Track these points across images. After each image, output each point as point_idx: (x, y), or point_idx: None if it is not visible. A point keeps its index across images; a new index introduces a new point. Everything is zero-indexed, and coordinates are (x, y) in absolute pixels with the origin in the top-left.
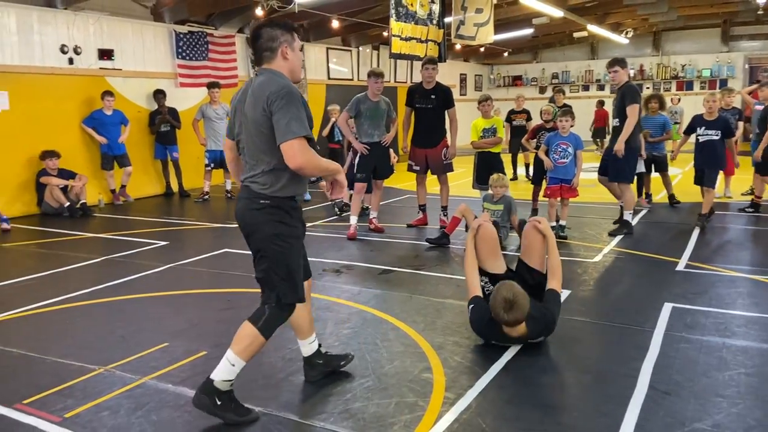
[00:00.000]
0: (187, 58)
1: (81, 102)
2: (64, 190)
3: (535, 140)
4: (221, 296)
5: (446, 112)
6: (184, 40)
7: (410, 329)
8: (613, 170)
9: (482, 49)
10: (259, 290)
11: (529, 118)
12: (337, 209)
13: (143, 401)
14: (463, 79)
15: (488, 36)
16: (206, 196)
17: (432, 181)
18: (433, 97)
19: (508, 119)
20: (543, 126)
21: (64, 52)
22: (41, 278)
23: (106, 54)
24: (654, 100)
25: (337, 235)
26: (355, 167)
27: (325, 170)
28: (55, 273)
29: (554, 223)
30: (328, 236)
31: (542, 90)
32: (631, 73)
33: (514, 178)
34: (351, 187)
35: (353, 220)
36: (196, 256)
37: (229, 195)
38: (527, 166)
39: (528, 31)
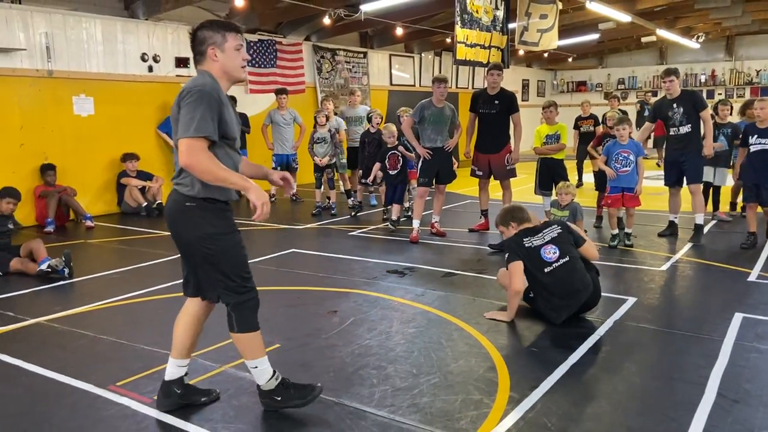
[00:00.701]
0: (257, 65)
1: (158, 107)
2: (142, 190)
3: (600, 146)
4: (290, 293)
5: (510, 117)
6: (254, 48)
7: (474, 330)
8: (693, 172)
9: (545, 55)
10: (325, 288)
11: (596, 124)
12: (392, 226)
13: (224, 387)
14: (525, 85)
15: (552, 42)
16: (273, 198)
17: (495, 187)
18: (496, 102)
19: (576, 126)
20: (608, 132)
21: (144, 61)
22: (125, 272)
23: (182, 62)
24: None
25: (399, 239)
26: (418, 172)
27: (225, 181)
28: (136, 268)
29: (616, 231)
30: (391, 239)
31: (607, 96)
32: (702, 78)
33: (579, 184)
34: (393, 199)
35: (416, 224)
36: (265, 255)
37: (294, 198)
38: (595, 174)
39: (594, 36)
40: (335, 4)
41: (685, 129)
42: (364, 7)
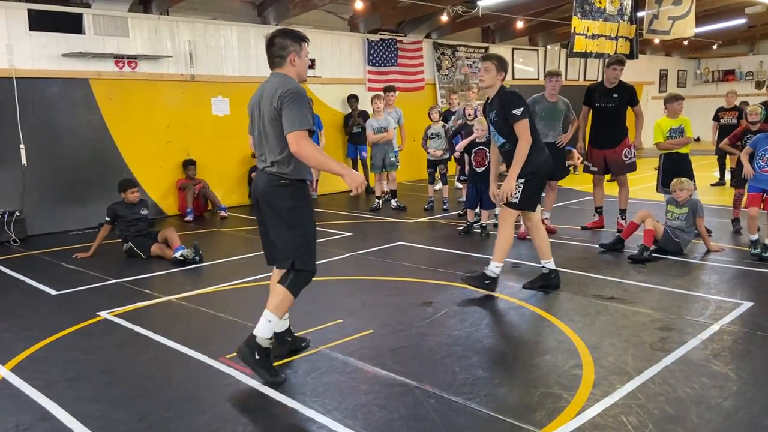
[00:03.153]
0: (377, 64)
1: None
2: None
3: (740, 143)
4: (391, 283)
5: (632, 109)
6: (375, 47)
7: (567, 327)
8: None
9: (686, 42)
10: (425, 280)
11: (740, 117)
12: (483, 234)
13: (317, 365)
14: (663, 75)
15: (687, 29)
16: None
17: (611, 184)
18: (615, 95)
19: (716, 117)
20: (749, 128)
21: None
22: (248, 258)
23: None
24: None
25: None
26: None
27: (325, 165)
28: (258, 255)
29: (756, 237)
30: None
31: (759, 85)
32: None
33: (721, 182)
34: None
35: None
36: (374, 247)
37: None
38: (733, 170)
39: (740, 22)
40: (453, 1)
41: None
42: (482, 3)
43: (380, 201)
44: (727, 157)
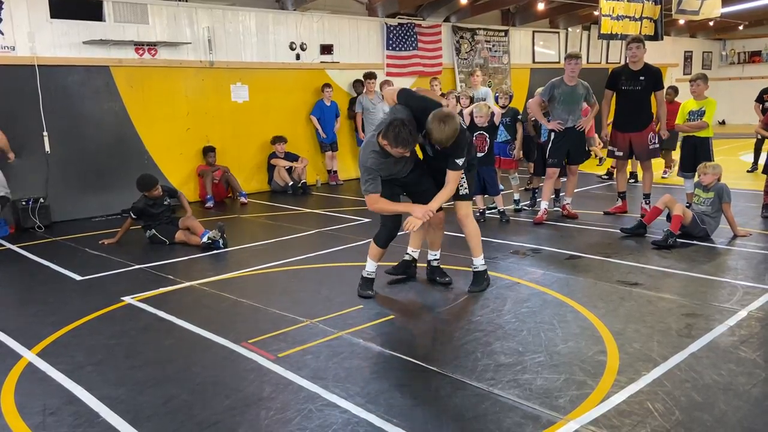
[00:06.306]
0: (397, 48)
1: (305, 93)
2: (289, 170)
3: None
4: None
5: (655, 94)
6: (394, 32)
7: (590, 314)
8: None
9: (711, 23)
10: (444, 266)
11: None
12: (504, 220)
13: (339, 350)
14: (687, 57)
15: (714, 9)
16: None
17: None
18: (641, 78)
19: (760, 99)
20: None
21: (292, 49)
22: (269, 244)
23: (326, 49)
24: None
25: (527, 220)
26: (548, 152)
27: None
28: (279, 241)
29: None
30: (521, 220)
31: None
32: None
33: (753, 168)
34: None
35: (543, 205)
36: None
37: None
38: None
39: (766, 1)
40: None
41: None
42: None
43: None
44: (765, 141)
